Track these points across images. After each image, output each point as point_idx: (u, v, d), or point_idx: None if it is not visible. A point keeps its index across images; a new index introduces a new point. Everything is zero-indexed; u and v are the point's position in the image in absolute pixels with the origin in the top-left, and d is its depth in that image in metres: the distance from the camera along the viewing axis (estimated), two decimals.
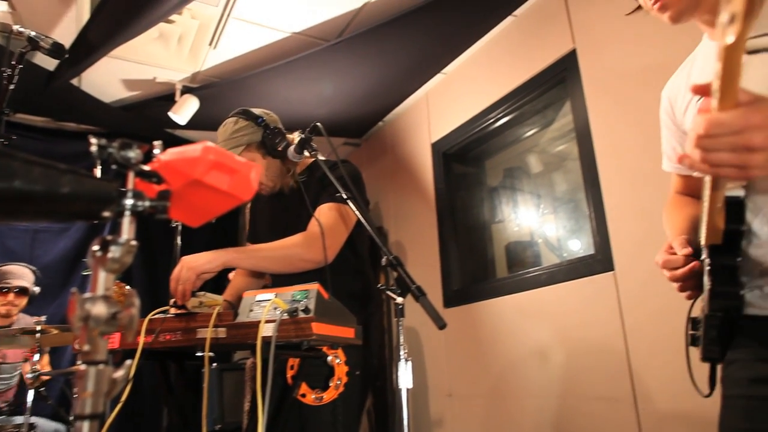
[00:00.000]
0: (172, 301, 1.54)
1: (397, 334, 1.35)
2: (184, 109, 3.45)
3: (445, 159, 3.62)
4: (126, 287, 1.17)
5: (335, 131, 4.14)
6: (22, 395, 2.62)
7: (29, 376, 2.46)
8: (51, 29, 2.93)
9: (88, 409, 0.55)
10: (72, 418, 2.54)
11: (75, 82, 3.47)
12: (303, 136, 1.74)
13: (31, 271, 3.24)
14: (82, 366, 0.55)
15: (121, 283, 1.21)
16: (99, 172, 0.62)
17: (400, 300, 1.37)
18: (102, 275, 0.57)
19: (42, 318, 2.56)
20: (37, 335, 2.48)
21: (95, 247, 0.58)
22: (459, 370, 3.24)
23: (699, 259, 0.98)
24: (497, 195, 3.66)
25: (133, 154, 0.61)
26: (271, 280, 2.05)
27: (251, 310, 1.39)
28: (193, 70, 3.44)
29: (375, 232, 1.50)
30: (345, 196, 1.59)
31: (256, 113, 1.87)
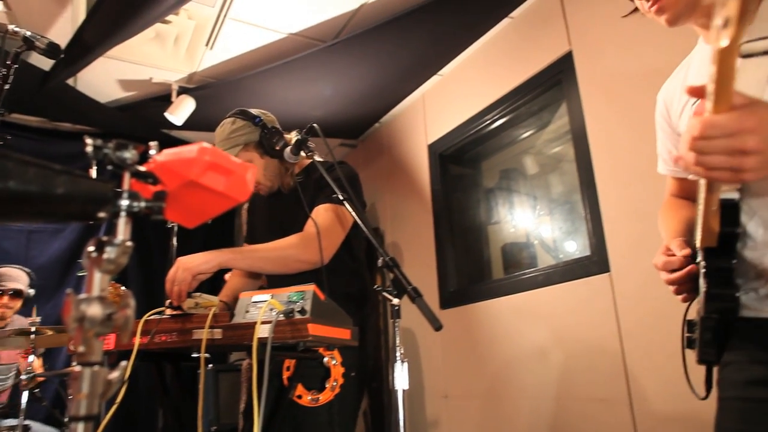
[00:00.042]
0: (167, 302, 1.54)
1: (393, 335, 1.35)
2: (181, 110, 3.45)
3: (442, 160, 3.62)
4: (121, 288, 1.17)
5: (332, 132, 4.14)
6: (16, 397, 2.60)
7: (24, 377, 2.45)
8: (46, 29, 2.92)
9: (83, 411, 0.55)
10: (67, 420, 2.53)
11: (70, 82, 3.46)
12: (300, 137, 1.75)
13: (26, 273, 3.23)
14: (77, 367, 0.55)
15: (117, 284, 1.21)
16: (94, 172, 0.62)
17: (396, 301, 1.37)
18: (97, 276, 0.57)
19: (37, 319, 2.55)
20: (32, 336, 2.47)
21: (90, 248, 0.58)
22: (455, 371, 3.24)
23: (695, 261, 0.98)
24: (493, 196, 3.67)
25: (128, 154, 0.60)
26: (267, 281, 2.04)
27: (247, 311, 1.39)
28: (189, 70, 3.44)
29: (371, 234, 1.50)
30: (341, 198, 1.59)
31: (253, 113, 1.87)
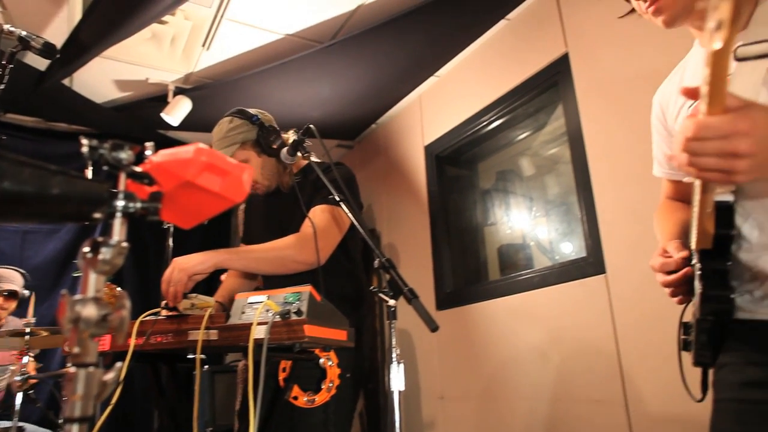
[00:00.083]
0: (163, 303, 1.53)
1: (389, 336, 1.35)
2: (177, 110, 3.44)
3: (438, 161, 3.62)
4: (117, 289, 1.16)
5: (328, 133, 4.14)
6: (10, 398, 2.59)
7: (17, 378, 2.43)
8: (42, 29, 2.91)
9: (77, 412, 0.54)
10: (61, 422, 2.52)
11: (66, 82, 3.45)
12: (296, 138, 1.75)
13: (21, 274, 3.21)
14: (72, 368, 0.55)
15: (112, 285, 1.20)
16: (90, 173, 0.61)
17: (392, 302, 1.37)
18: (93, 277, 0.57)
19: (31, 320, 2.54)
20: (26, 337, 2.46)
21: (86, 248, 0.57)
22: (451, 372, 3.24)
23: (690, 263, 0.99)
24: (490, 198, 3.68)
25: (124, 155, 0.60)
26: (263, 282, 2.04)
27: (243, 312, 1.39)
28: (186, 71, 3.43)
29: (368, 235, 1.50)
30: (338, 199, 1.59)
31: (251, 112, 1.88)
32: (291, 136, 1.82)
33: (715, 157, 0.72)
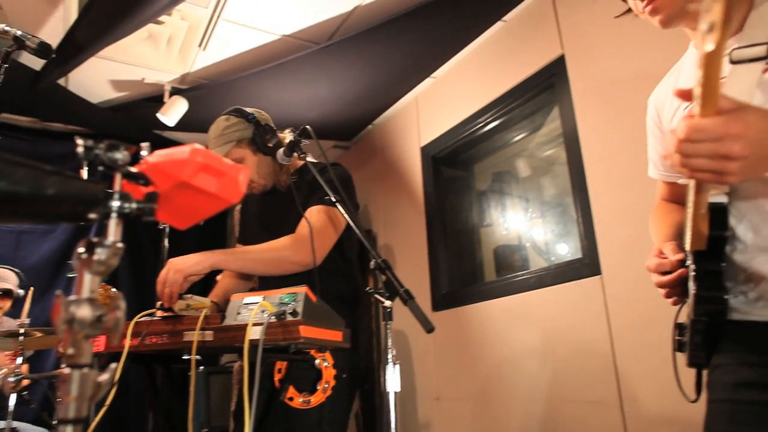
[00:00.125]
0: (158, 304, 1.53)
1: (385, 337, 1.35)
2: (173, 111, 3.43)
3: (434, 162, 3.63)
4: (112, 290, 1.16)
5: (325, 134, 4.14)
6: (3, 399, 2.58)
7: (11, 379, 2.42)
8: (38, 28, 2.90)
9: (71, 414, 0.54)
10: (55, 423, 2.51)
11: (62, 82, 3.44)
12: (292, 139, 1.75)
13: (15, 273, 3.20)
14: (66, 369, 0.55)
15: (107, 286, 1.20)
16: (85, 173, 0.61)
17: (388, 303, 1.37)
18: (87, 277, 0.57)
19: (26, 320, 2.52)
20: (20, 338, 2.45)
21: (81, 249, 0.57)
22: (447, 373, 3.25)
23: (684, 265, 0.99)
24: (486, 199, 3.68)
25: (120, 155, 0.60)
26: (259, 283, 2.04)
27: (239, 313, 1.38)
28: (182, 71, 3.43)
29: (364, 236, 1.50)
30: (334, 199, 1.59)
31: (247, 111, 1.88)
32: (287, 136, 1.82)
33: (707, 158, 0.73)
